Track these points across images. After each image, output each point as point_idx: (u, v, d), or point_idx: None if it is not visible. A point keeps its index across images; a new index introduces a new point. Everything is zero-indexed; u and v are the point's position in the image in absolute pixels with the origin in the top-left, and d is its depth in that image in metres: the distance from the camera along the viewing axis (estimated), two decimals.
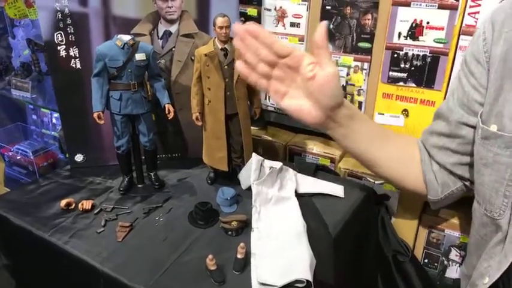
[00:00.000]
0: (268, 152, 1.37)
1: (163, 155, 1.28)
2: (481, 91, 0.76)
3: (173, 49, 1.18)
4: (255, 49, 0.79)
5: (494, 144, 0.71)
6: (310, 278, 0.79)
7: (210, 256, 0.84)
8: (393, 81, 1.11)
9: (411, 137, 0.99)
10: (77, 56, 1.15)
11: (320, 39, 0.77)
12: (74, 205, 1.06)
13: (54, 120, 2.04)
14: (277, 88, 0.83)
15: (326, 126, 0.88)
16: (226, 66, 1.03)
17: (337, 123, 0.87)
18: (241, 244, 0.87)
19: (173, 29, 1.17)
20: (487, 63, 0.74)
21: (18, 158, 2.06)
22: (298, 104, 0.83)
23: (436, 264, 1.16)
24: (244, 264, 0.86)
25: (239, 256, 0.86)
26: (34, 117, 2.19)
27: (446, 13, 0.99)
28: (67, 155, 1.33)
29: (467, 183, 0.87)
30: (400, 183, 0.97)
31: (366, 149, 0.93)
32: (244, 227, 0.97)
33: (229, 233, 0.96)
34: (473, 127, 0.79)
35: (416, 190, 0.95)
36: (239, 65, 0.82)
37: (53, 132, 2.06)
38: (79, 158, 1.24)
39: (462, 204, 0.97)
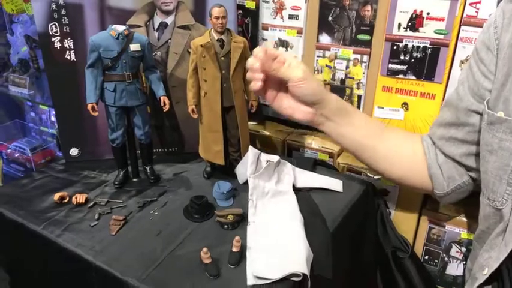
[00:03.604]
0: (266, 147, 1.35)
1: (160, 150, 1.26)
2: (490, 78, 0.76)
3: (169, 41, 1.16)
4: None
5: (499, 129, 0.71)
6: (306, 271, 0.77)
7: (205, 249, 0.83)
8: (393, 73, 1.09)
9: (411, 132, 0.99)
10: (72, 47, 1.13)
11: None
12: (67, 199, 1.04)
13: (52, 118, 2.03)
14: (270, 92, 0.92)
15: (318, 123, 0.92)
16: (222, 58, 1.02)
17: (328, 119, 0.91)
18: (237, 238, 0.86)
19: (169, 20, 1.15)
20: (496, 50, 0.75)
21: (16, 155, 2.05)
22: (287, 103, 0.91)
23: (436, 260, 1.14)
24: (240, 258, 0.84)
25: (234, 250, 0.85)
26: (32, 114, 2.18)
27: (447, 3, 0.97)
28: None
29: (474, 175, 0.87)
30: (404, 179, 0.97)
31: (364, 143, 0.94)
32: (240, 220, 0.95)
33: (225, 226, 0.94)
34: (482, 115, 0.78)
35: (421, 186, 0.95)
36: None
37: (51, 130, 2.05)
38: (74, 151, 1.23)
39: (464, 199, 0.95)
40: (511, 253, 0.70)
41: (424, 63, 1.04)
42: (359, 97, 1.17)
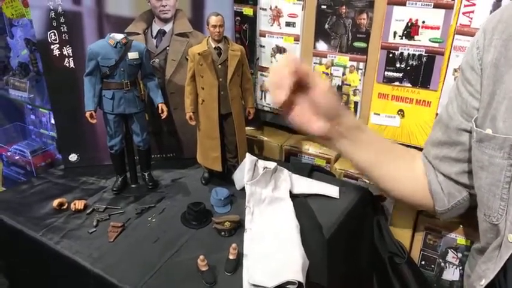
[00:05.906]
0: (264, 152, 1.36)
1: (158, 155, 1.28)
2: (477, 97, 0.78)
3: (167, 48, 1.17)
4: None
5: (488, 146, 0.73)
6: (302, 279, 0.78)
7: (201, 257, 0.83)
8: (389, 81, 1.10)
9: (414, 150, 1.01)
10: (71, 55, 1.14)
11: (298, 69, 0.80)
12: (66, 205, 1.05)
13: (52, 121, 2.03)
14: (288, 102, 0.86)
15: (332, 138, 0.91)
16: (219, 66, 1.03)
17: (342, 135, 0.90)
18: (233, 245, 0.86)
19: (167, 28, 1.16)
20: (481, 70, 0.76)
21: (16, 158, 2.05)
22: (304, 115, 0.89)
23: (433, 266, 1.14)
24: (236, 265, 0.85)
25: (231, 257, 0.86)
26: (32, 117, 2.18)
27: (441, 12, 0.98)
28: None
29: (472, 191, 0.87)
30: (408, 197, 0.98)
31: (374, 162, 0.94)
32: (237, 227, 0.96)
33: (222, 233, 0.95)
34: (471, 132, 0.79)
35: (423, 203, 0.96)
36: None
37: (51, 133, 2.05)
38: (73, 157, 1.24)
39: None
40: (504, 265, 0.72)
41: (419, 71, 1.05)
42: (355, 104, 1.18)
